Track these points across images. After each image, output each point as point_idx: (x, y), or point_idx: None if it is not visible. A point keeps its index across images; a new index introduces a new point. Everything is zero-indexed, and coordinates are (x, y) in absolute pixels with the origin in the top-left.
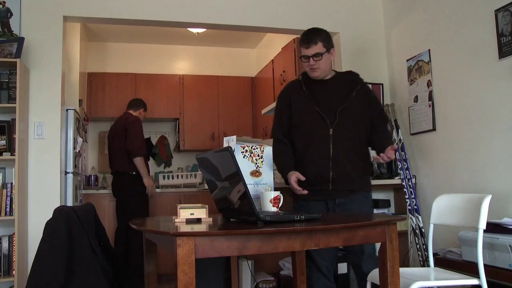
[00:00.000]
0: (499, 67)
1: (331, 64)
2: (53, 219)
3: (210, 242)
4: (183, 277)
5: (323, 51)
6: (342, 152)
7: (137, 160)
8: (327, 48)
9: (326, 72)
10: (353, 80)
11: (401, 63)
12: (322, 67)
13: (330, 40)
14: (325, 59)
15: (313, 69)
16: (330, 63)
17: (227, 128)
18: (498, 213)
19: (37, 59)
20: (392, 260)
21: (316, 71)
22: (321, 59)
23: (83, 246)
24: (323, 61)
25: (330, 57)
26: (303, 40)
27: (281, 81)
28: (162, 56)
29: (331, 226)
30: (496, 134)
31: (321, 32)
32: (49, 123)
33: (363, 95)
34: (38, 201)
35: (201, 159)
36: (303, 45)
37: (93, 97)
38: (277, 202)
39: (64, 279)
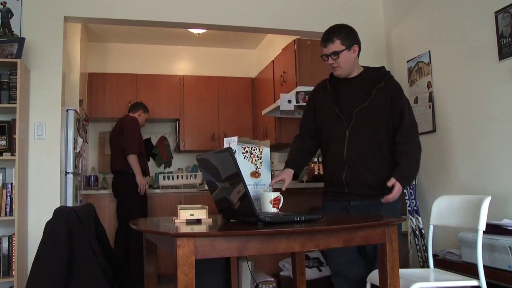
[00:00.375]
0: (499, 69)
1: (354, 61)
2: (53, 219)
3: (210, 243)
4: (183, 278)
5: (340, 48)
6: (357, 155)
7: (130, 158)
8: (347, 45)
9: (348, 70)
10: (379, 77)
11: (401, 64)
12: (342, 66)
13: (352, 36)
14: (344, 57)
15: (334, 67)
16: (353, 60)
17: (227, 129)
18: (497, 214)
19: (38, 59)
20: (392, 261)
21: (337, 69)
22: (339, 57)
23: (83, 247)
24: (342, 59)
25: (351, 55)
26: (322, 39)
27: (282, 82)
28: (163, 57)
29: (330, 227)
30: (496, 135)
31: (339, 29)
32: (50, 124)
33: (386, 93)
34: (38, 201)
35: (201, 160)
36: (322, 44)
37: (93, 98)
38: (277, 203)
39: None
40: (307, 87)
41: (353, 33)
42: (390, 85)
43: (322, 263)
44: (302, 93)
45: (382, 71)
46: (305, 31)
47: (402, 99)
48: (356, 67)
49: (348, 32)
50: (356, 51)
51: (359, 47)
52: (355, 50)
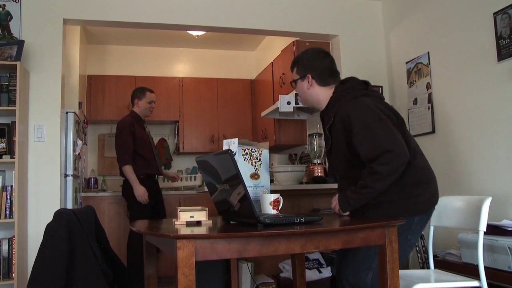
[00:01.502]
0: (498, 70)
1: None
2: (54, 222)
3: (210, 245)
4: (183, 280)
5: (295, 77)
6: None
7: (125, 170)
8: (300, 74)
9: (307, 102)
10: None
11: (401, 66)
12: (300, 96)
13: (305, 65)
14: (298, 87)
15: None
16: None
17: (226, 130)
18: (497, 215)
19: (37, 62)
20: (392, 262)
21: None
22: (296, 87)
23: (83, 249)
24: (298, 89)
25: (304, 86)
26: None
27: (281, 84)
28: (162, 59)
29: (330, 229)
30: (496, 136)
31: (298, 58)
32: (49, 126)
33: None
34: (38, 203)
35: (201, 162)
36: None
37: (92, 100)
38: (277, 204)
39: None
40: None
41: (310, 60)
42: (338, 117)
43: (322, 264)
44: None
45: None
46: (304, 33)
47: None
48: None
49: (305, 59)
50: (309, 80)
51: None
52: (308, 80)
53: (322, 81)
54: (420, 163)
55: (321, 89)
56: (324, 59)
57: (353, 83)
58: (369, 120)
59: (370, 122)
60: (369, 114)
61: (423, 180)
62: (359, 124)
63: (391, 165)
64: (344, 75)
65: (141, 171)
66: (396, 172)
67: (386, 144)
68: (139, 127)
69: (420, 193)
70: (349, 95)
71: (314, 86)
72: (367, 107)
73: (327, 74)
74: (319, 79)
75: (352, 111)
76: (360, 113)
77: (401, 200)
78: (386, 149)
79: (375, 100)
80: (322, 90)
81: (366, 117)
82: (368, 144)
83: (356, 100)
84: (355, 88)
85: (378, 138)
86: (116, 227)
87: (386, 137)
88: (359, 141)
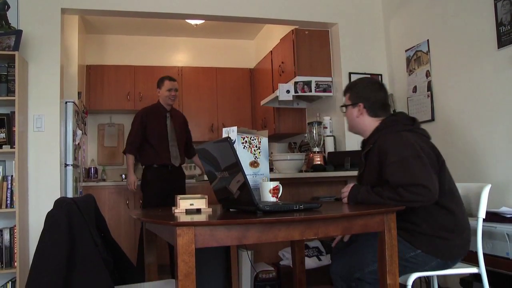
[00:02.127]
0: (498, 57)
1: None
2: (54, 210)
3: (210, 232)
4: (183, 267)
5: (347, 103)
6: None
7: (126, 157)
8: (352, 101)
9: (353, 128)
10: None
11: (400, 54)
12: (348, 122)
13: (360, 93)
14: (348, 113)
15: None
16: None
17: (226, 119)
18: (496, 202)
19: (36, 51)
20: (391, 249)
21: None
22: (346, 112)
23: (84, 237)
24: (347, 115)
25: (353, 113)
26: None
27: (280, 72)
28: (161, 48)
29: (329, 215)
30: (495, 123)
31: (354, 84)
32: (48, 116)
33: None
34: (38, 193)
35: (200, 150)
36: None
37: (92, 90)
38: (277, 192)
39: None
40: (305, 77)
41: (365, 89)
42: (376, 146)
43: (321, 252)
44: (301, 83)
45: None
46: (303, 21)
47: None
48: (366, 128)
49: (360, 88)
50: (361, 109)
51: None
52: (359, 109)
53: (372, 112)
54: (454, 208)
55: (370, 120)
56: (379, 91)
57: (400, 117)
58: (406, 155)
59: (407, 156)
60: (408, 149)
61: (455, 226)
62: (396, 156)
63: (415, 197)
64: (343, 63)
65: (151, 161)
66: (415, 204)
67: (419, 179)
68: (156, 117)
69: (449, 237)
70: (392, 127)
71: (364, 115)
72: (407, 143)
73: (379, 107)
74: (370, 109)
75: (392, 144)
76: (400, 147)
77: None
78: (418, 182)
79: (419, 137)
80: (370, 120)
81: (404, 151)
82: (401, 174)
83: (398, 134)
84: (401, 122)
85: (412, 172)
86: (116, 216)
87: (420, 172)
88: (392, 171)
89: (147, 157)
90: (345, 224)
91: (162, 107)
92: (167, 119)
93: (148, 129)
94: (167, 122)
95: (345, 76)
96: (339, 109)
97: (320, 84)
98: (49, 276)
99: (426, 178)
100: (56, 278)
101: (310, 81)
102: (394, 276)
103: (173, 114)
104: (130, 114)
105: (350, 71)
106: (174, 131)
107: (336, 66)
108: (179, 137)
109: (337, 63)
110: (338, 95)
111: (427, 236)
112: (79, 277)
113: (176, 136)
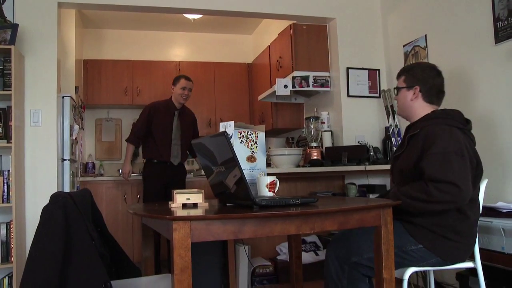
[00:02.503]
0: (495, 52)
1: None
2: (50, 204)
3: (206, 226)
4: (179, 261)
5: (401, 85)
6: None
7: (127, 145)
8: (407, 84)
9: (403, 112)
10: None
11: (398, 49)
12: (399, 105)
13: (416, 76)
14: (401, 95)
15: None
16: (408, 103)
17: (224, 114)
18: (492, 197)
19: (32, 46)
20: (387, 244)
21: (397, 107)
22: (398, 95)
23: (80, 231)
24: (399, 97)
25: (408, 96)
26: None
27: (278, 67)
28: (159, 43)
29: (326, 210)
30: (492, 118)
31: (411, 66)
32: (45, 110)
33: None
34: (35, 188)
35: (197, 144)
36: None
37: (89, 84)
38: (274, 187)
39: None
40: (303, 72)
41: (423, 72)
42: (424, 132)
43: (319, 247)
44: (298, 78)
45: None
46: (301, 16)
47: (433, 149)
48: (416, 112)
49: (417, 71)
50: (417, 92)
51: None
52: (415, 92)
53: (428, 97)
54: (471, 215)
55: (424, 105)
56: (437, 77)
57: (456, 115)
58: (451, 150)
59: (451, 151)
60: (454, 145)
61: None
62: (440, 148)
63: (446, 197)
64: (341, 58)
65: (152, 155)
66: (444, 206)
67: (455, 178)
68: (164, 113)
69: (454, 239)
70: (446, 120)
71: (418, 99)
72: (456, 139)
73: (435, 92)
74: (426, 94)
75: (440, 135)
76: (447, 141)
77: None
78: (453, 181)
79: (467, 139)
80: (424, 105)
81: (450, 146)
82: (437, 167)
83: (449, 129)
84: (455, 119)
85: (451, 168)
86: (114, 211)
87: (459, 171)
88: (430, 162)
89: (148, 151)
90: (341, 218)
91: (172, 104)
92: (175, 117)
93: (154, 124)
94: (174, 120)
95: (342, 71)
96: (336, 104)
97: (318, 79)
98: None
99: (461, 178)
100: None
101: (308, 76)
102: (390, 271)
103: (182, 112)
104: (128, 109)
105: (348, 66)
106: (179, 129)
107: (334, 61)
108: (184, 136)
109: (335, 58)
110: (335, 90)
111: (432, 233)
112: (75, 271)
113: (180, 135)
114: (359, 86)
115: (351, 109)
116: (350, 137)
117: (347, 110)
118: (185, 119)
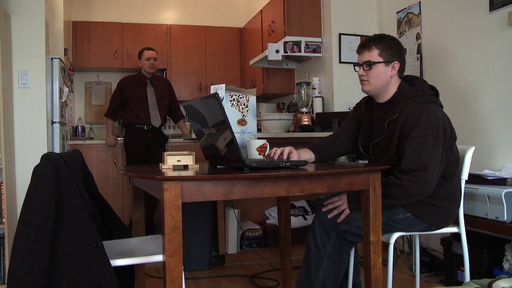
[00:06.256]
0: (490, 20)
1: (388, 81)
2: (41, 164)
3: (197, 187)
4: (170, 221)
5: (376, 60)
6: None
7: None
8: (385, 59)
9: (377, 89)
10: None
11: (391, 15)
12: (372, 81)
13: (394, 51)
14: (376, 70)
15: (362, 81)
16: (387, 79)
17: (214, 79)
18: (479, 165)
19: (18, 5)
20: (375, 207)
21: (364, 84)
22: (371, 70)
23: (71, 191)
24: (374, 73)
25: (387, 72)
26: (359, 45)
27: (270, 32)
28: (149, 5)
29: (315, 172)
30: (483, 87)
31: (382, 39)
32: (34, 72)
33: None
34: (25, 150)
35: (188, 106)
36: (357, 50)
37: (78, 47)
38: (264, 150)
39: (53, 223)
40: (295, 37)
41: (398, 47)
42: (403, 116)
43: (307, 211)
44: (290, 43)
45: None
46: None
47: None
48: (389, 89)
49: (392, 45)
50: (396, 69)
51: (401, 64)
52: (394, 68)
53: (401, 73)
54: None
55: (397, 81)
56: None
57: (424, 86)
58: (428, 133)
59: (427, 135)
60: (432, 127)
61: (449, 194)
62: (419, 131)
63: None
64: (334, 24)
65: (131, 121)
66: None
67: (426, 161)
68: (136, 85)
69: (442, 205)
70: (422, 98)
71: (395, 76)
72: (435, 120)
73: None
74: (402, 70)
75: (420, 118)
76: (427, 123)
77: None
78: (424, 165)
79: (441, 111)
80: (397, 81)
81: (427, 129)
82: (414, 154)
83: (428, 106)
84: (427, 92)
85: (424, 151)
86: (104, 175)
87: (431, 154)
88: (410, 147)
89: (128, 118)
90: (331, 182)
91: (142, 75)
92: (147, 86)
93: (127, 96)
94: (147, 88)
95: (335, 37)
96: (328, 70)
97: (309, 44)
98: (36, 230)
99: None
100: (44, 231)
101: (299, 41)
102: (378, 234)
103: (155, 80)
104: (118, 72)
105: (340, 32)
106: (154, 95)
107: (327, 26)
108: (160, 101)
109: (328, 24)
110: (327, 56)
111: (421, 203)
112: (67, 231)
113: (156, 100)
114: (351, 52)
115: (343, 76)
116: (341, 103)
117: (338, 76)
118: (158, 85)
